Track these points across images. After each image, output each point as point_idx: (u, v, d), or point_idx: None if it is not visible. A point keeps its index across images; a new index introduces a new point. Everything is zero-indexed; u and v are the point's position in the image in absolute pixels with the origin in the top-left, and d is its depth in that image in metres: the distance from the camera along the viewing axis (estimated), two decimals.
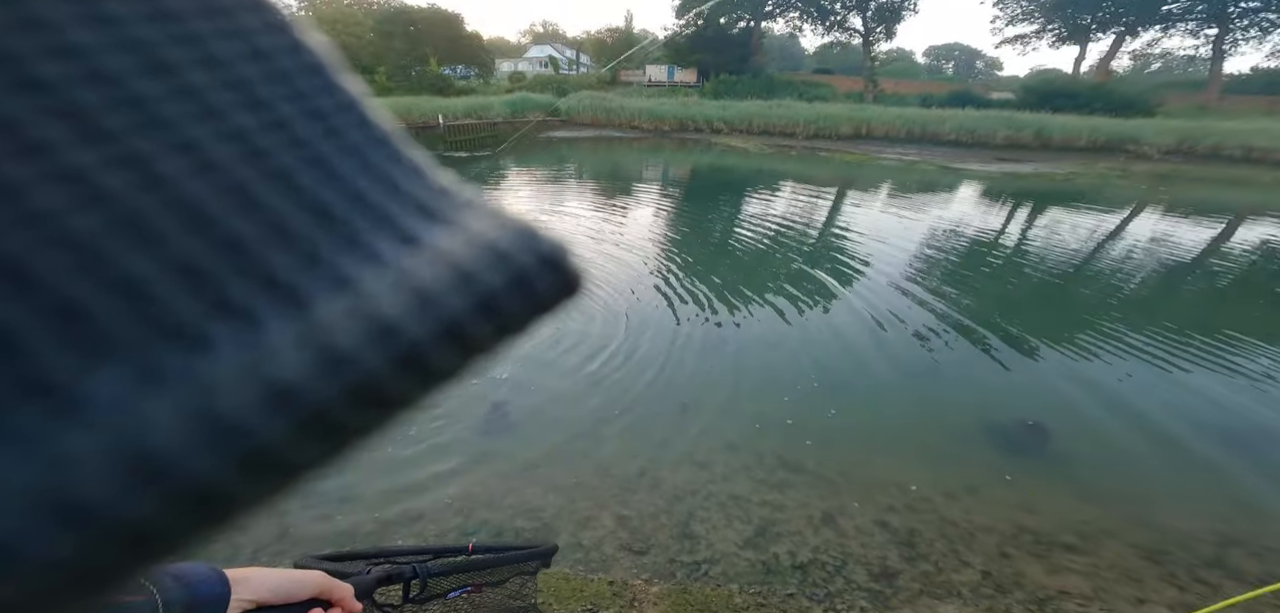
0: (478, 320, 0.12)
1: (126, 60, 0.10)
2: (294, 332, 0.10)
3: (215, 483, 0.09)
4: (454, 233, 0.13)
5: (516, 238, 0.13)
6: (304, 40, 0.13)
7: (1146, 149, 17.33)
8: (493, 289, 0.12)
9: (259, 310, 0.10)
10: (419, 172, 0.14)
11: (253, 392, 0.09)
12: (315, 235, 0.11)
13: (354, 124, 0.13)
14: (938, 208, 9.68)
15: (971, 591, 2.12)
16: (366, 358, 0.10)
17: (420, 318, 0.11)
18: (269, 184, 0.11)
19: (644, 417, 3.22)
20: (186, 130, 0.10)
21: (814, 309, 4.86)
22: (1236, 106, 23.67)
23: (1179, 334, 4.53)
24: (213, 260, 0.10)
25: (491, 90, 27.89)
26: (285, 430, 0.09)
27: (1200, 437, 3.20)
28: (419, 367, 0.11)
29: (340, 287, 0.11)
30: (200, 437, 0.08)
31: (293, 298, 0.10)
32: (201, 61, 0.11)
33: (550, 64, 36.94)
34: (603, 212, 8.45)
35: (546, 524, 2.36)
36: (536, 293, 0.13)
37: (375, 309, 0.11)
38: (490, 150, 15.27)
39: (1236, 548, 2.37)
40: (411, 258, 0.12)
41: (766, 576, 2.15)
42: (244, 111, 0.11)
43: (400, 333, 0.11)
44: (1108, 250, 7.23)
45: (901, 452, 3.02)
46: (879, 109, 20.59)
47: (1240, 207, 10.55)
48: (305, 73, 0.13)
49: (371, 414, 0.10)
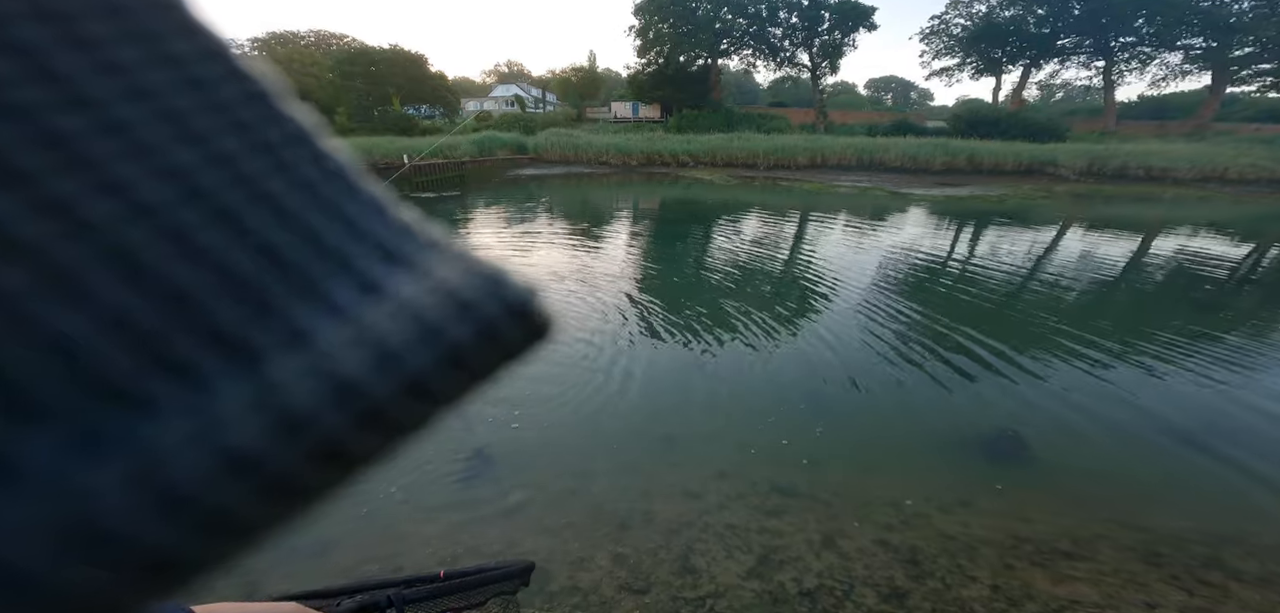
0: (443, 374, 0.11)
1: (39, 93, 0.09)
2: (245, 392, 0.09)
3: (162, 552, 0.08)
4: (417, 278, 0.12)
5: (482, 284, 0.12)
6: (244, 68, 0.12)
7: (1064, 171, 19.13)
8: (458, 341, 0.11)
9: (206, 368, 0.09)
10: (379, 209, 0.13)
11: (201, 458, 0.09)
12: (266, 283, 0.10)
13: (306, 158, 0.12)
14: (893, 231, 10.21)
15: (984, 605, 2.06)
16: (324, 419, 0.09)
17: (381, 375, 0.10)
18: (211, 227, 0.10)
19: (630, 450, 3.08)
20: (113, 170, 0.09)
21: (790, 332, 4.89)
22: (1131, 130, 26.76)
23: (1126, 339, 4.84)
24: (151, 315, 0.09)
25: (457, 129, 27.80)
26: (237, 496, 0.09)
27: (1166, 436, 3.35)
28: (381, 425, 0.10)
29: (295, 341, 0.10)
30: (145, 506, 0.08)
31: (243, 354, 0.10)
32: (127, 93, 0.10)
33: (516, 103, 37.37)
34: (576, 247, 8.39)
35: (540, 568, 2.12)
36: (504, 342, 0.12)
37: (333, 366, 0.10)
38: (458, 190, 15.04)
39: (1230, 546, 2.42)
40: (372, 308, 0.11)
41: (775, 606, 2.02)
42: (180, 146, 0.10)
43: (360, 392, 0.10)
44: (1046, 265, 7.76)
45: (891, 467, 3.00)
46: (831, 139, 21.84)
47: (1150, 221, 11.69)
48: (248, 102, 0.12)
49: (332, 475, 0.10)
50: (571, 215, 11.48)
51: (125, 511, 0.08)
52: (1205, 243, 9.41)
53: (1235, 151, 19.22)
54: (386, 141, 20.06)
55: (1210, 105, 27.35)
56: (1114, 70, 28.97)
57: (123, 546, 0.08)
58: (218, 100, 0.11)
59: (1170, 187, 17.67)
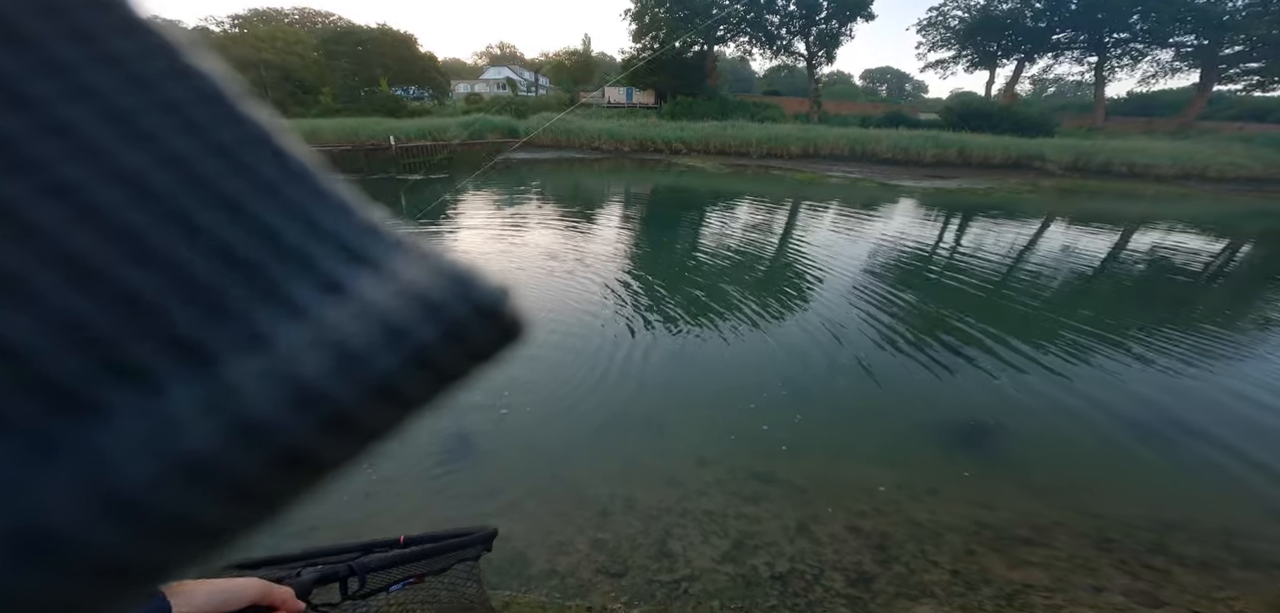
0: (409, 376, 0.11)
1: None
2: (201, 396, 0.09)
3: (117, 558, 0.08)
4: (383, 279, 0.12)
5: (451, 284, 0.12)
6: (198, 65, 0.12)
7: (1050, 165, 19.37)
8: (425, 343, 0.11)
9: (160, 372, 0.09)
10: (344, 209, 0.12)
11: (155, 463, 0.08)
12: (222, 285, 0.10)
13: (265, 158, 0.12)
14: (881, 222, 10.31)
15: (944, 590, 2.17)
16: (285, 424, 0.09)
17: (345, 378, 0.10)
18: (165, 229, 0.10)
19: (613, 437, 3.14)
20: (59, 172, 0.09)
21: (774, 321, 4.98)
22: (1118, 127, 27.08)
23: (1095, 333, 4.99)
24: (102, 319, 0.09)
25: (447, 112, 27.26)
26: (194, 501, 0.08)
27: (1125, 426, 3.50)
28: (345, 430, 0.10)
29: (254, 344, 0.10)
30: (98, 512, 0.08)
31: (199, 357, 0.09)
32: (72, 93, 0.10)
33: (508, 86, 36.74)
34: (566, 232, 8.38)
35: (518, 552, 2.21)
36: (473, 343, 0.12)
37: (294, 369, 0.10)
38: (446, 172, 14.87)
39: (1175, 531, 2.56)
40: (335, 309, 0.11)
41: (747, 589, 2.11)
42: (128, 148, 0.10)
43: (323, 395, 0.10)
44: (1028, 258, 7.92)
45: (866, 454, 3.10)
46: (824, 129, 21.86)
47: (1131, 217, 11.93)
48: (202, 102, 0.11)
49: (294, 480, 0.10)
50: (562, 200, 11.42)
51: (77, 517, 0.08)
52: (1179, 240, 9.64)
53: (1216, 150, 19.59)
54: (373, 123, 19.69)
55: (1197, 103, 27.73)
56: (1106, 66, 29.21)
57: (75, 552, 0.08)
58: (169, 100, 0.11)
59: (1152, 183, 18.00)
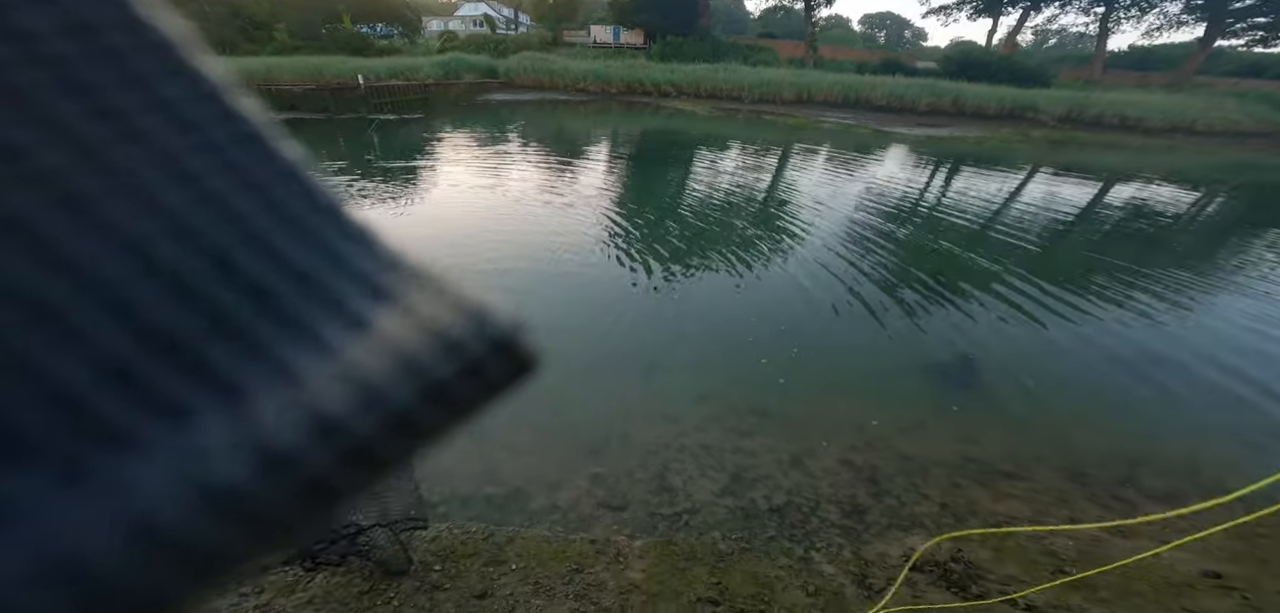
0: (427, 411, 0.11)
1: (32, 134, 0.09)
2: (232, 430, 0.09)
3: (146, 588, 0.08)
4: (403, 314, 0.12)
5: (468, 321, 0.12)
6: (235, 105, 0.12)
7: (1043, 116, 19.23)
8: (443, 379, 0.11)
9: (192, 406, 0.09)
10: (368, 243, 0.13)
11: (185, 494, 0.09)
12: (257, 323, 0.11)
13: (296, 195, 0.12)
14: (875, 167, 10.20)
15: (933, 521, 2.23)
16: (309, 456, 0.10)
17: (366, 412, 0.10)
18: (203, 267, 0.10)
19: (607, 375, 3.12)
20: (104, 211, 0.09)
21: (767, 263, 4.93)
22: (1115, 80, 26.81)
23: (1066, 278, 5.07)
24: (140, 355, 0.09)
25: (419, 50, 25.45)
26: (220, 531, 0.09)
27: (1096, 365, 3.60)
28: (364, 461, 0.10)
29: (281, 379, 0.10)
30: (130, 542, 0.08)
31: (229, 392, 0.10)
32: (120, 135, 0.10)
33: (485, 23, 34.32)
34: (551, 174, 8.06)
35: (517, 489, 2.20)
36: (488, 378, 0.12)
37: (319, 404, 0.10)
38: (422, 113, 14.04)
39: (1143, 466, 2.67)
40: (358, 345, 0.11)
41: (746, 521, 2.15)
42: (171, 187, 0.10)
43: (345, 429, 0.10)
44: (1014, 206, 7.97)
45: (859, 389, 3.14)
46: (819, 75, 21.14)
47: (1114, 168, 12.02)
48: (238, 142, 0.12)
49: (314, 509, 0.10)
50: (546, 142, 10.95)
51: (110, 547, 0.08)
52: (1156, 191, 9.77)
53: (1207, 104, 19.62)
54: (337, 62, 18.34)
55: (1196, 58, 27.37)
56: (1112, 17, 28.44)
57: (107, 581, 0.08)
58: (209, 141, 0.11)
59: (1140, 135, 18.06)
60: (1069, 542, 2.12)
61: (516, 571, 1.67)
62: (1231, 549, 2.11)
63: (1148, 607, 1.76)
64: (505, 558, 1.73)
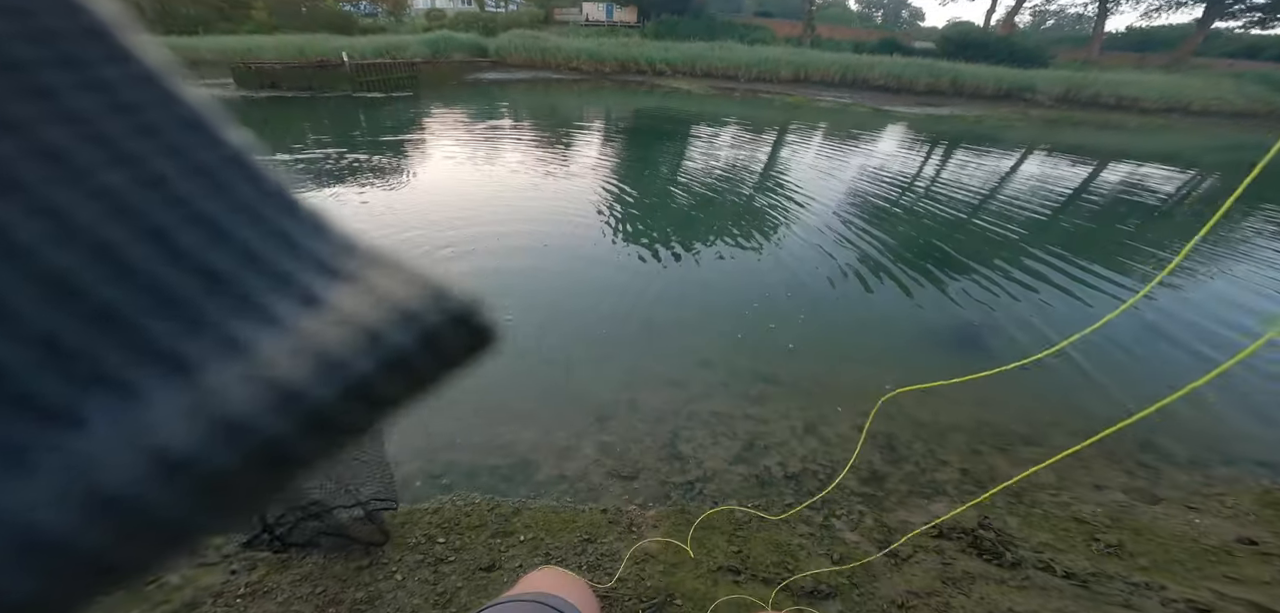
0: (385, 381, 0.11)
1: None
2: (181, 400, 0.09)
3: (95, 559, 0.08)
4: (358, 291, 0.12)
5: (425, 295, 0.12)
6: (179, 91, 0.12)
7: (1040, 96, 19.16)
8: (401, 349, 0.11)
9: (138, 380, 0.09)
10: (319, 227, 0.13)
11: (134, 465, 0.08)
12: (201, 299, 0.10)
13: (243, 178, 0.12)
14: (873, 145, 10.08)
15: (955, 488, 2.15)
16: (263, 423, 0.09)
17: (323, 380, 0.10)
18: (144, 246, 0.10)
19: (612, 344, 3.00)
20: (42, 193, 0.09)
21: (771, 234, 4.84)
22: (1113, 61, 26.74)
23: (1074, 248, 5.02)
24: (81, 333, 0.09)
25: (405, 28, 24.74)
26: (175, 499, 0.09)
27: (1111, 332, 3.54)
28: (321, 429, 0.10)
29: (234, 351, 0.10)
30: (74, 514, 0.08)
31: (178, 365, 0.10)
32: (56, 116, 0.10)
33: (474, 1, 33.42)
34: (547, 151, 7.85)
35: (522, 459, 2.08)
36: (447, 351, 0.12)
37: (274, 373, 0.10)
38: (410, 92, 13.64)
39: (1159, 432, 2.58)
40: (312, 319, 0.11)
41: (762, 489, 2.05)
42: (109, 169, 0.10)
43: (301, 396, 0.10)
44: (1014, 181, 7.91)
45: (869, 356, 3.05)
46: (816, 54, 20.83)
47: (1109, 149, 11.96)
48: (182, 126, 0.12)
49: (270, 480, 0.10)
50: (540, 120, 10.66)
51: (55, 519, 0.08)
52: (1153, 170, 9.74)
53: (1203, 84, 19.60)
54: (320, 41, 17.78)
55: (1194, 40, 27.32)
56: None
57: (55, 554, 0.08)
58: (149, 123, 0.11)
59: (1136, 115, 18.03)
60: (1098, 508, 2.05)
61: (525, 542, 1.55)
62: (1262, 516, 2.05)
63: (1188, 575, 1.69)
64: (512, 529, 1.62)
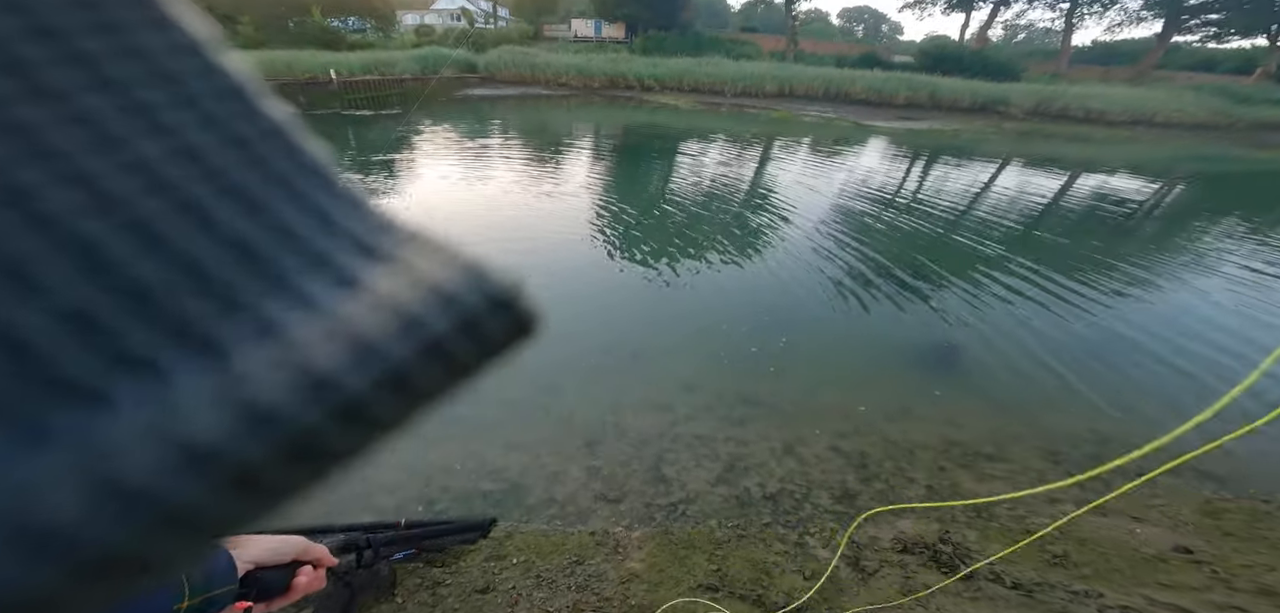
0: (423, 368, 0.10)
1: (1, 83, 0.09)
2: (209, 386, 0.09)
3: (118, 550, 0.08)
4: (396, 272, 0.11)
5: (465, 277, 0.11)
6: (218, 60, 0.12)
7: (1013, 109, 19.85)
8: (439, 334, 0.11)
9: (166, 363, 0.09)
10: (356, 205, 0.13)
11: (159, 453, 0.08)
12: (235, 278, 0.10)
13: (280, 153, 0.12)
14: (856, 159, 10.40)
15: (920, 502, 2.30)
16: (296, 413, 0.09)
17: (359, 368, 0.10)
18: (177, 221, 0.10)
19: (598, 368, 3.12)
20: (76, 162, 0.09)
21: (756, 254, 4.99)
22: (1080, 74, 27.85)
23: (1035, 265, 5.26)
24: (110, 309, 0.09)
25: (394, 44, 24.85)
26: (199, 490, 0.08)
27: (1068, 348, 3.75)
28: (357, 420, 0.10)
29: (265, 334, 0.10)
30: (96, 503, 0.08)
31: (207, 347, 0.09)
32: (92, 84, 0.10)
33: (463, 17, 33.68)
34: (535, 168, 7.98)
35: (514, 484, 2.19)
36: (488, 336, 0.12)
37: (306, 359, 0.10)
38: (399, 109, 13.71)
39: (1112, 444, 2.78)
40: (348, 301, 0.11)
41: (742, 509, 2.18)
42: (145, 138, 0.10)
43: (335, 384, 0.10)
44: (988, 196, 8.23)
45: (846, 378, 3.21)
46: (800, 68, 21.36)
47: (1080, 160, 12.48)
48: (221, 97, 0.11)
49: (303, 472, 0.09)
50: (529, 136, 10.82)
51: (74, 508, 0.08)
52: (1120, 181, 10.20)
53: (1166, 97, 20.51)
54: (308, 57, 17.80)
55: (1155, 53, 28.67)
56: (1076, 13, 29.52)
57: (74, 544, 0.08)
58: (189, 95, 0.11)
59: (1103, 128, 18.77)
60: (1048, 520, 2.21)
61: (517, 564, 1.66)
62: (1200, 526, 2.23)
63: (1125, 583, 1.85)
64: (505, 552, 1.72)
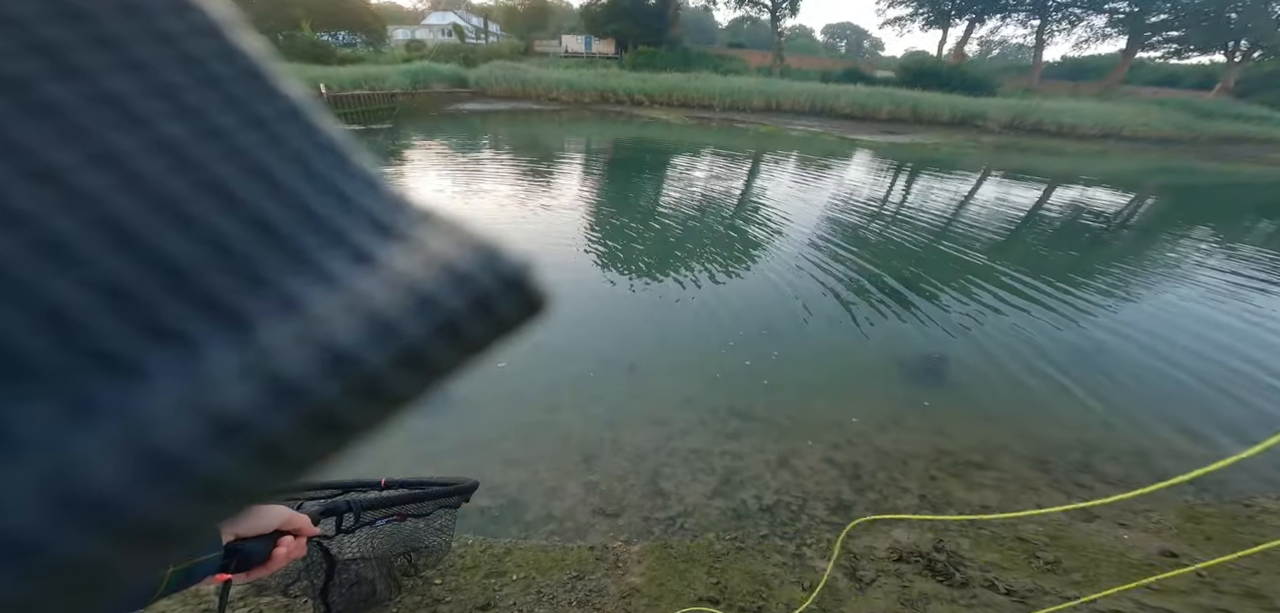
0: (438, 345, 0.11)
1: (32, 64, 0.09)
2: (237, 358, 0.09)
3: (155, 519, 0.08)
4: (411, 250, 0.12)
5: (478, 256, 0.12)
6: (237, 42, 0.12)
7: (990, 123, 20.51)
8: (453, 312, 0.11)
9: (197, 335, 0.09)
10: (372, 183, 0.13)
11: (193, 424, 0.09)
12: (258, 254, 0.10)
13: (298, 131, 0.12)
14: (842, 172, 10.64)
15: (914, 512, 2.34)
16: (317, 387, 0.09)
17: (376, 343, 0.10)
18: (203, 198, 0.10)
19: (595, 382, 3.13)
20: (106, 141, 0.09)
21: (748, 268, 5.05)
22: (1051, 89, 28.95)
23: (1020, 275, 5.41)
24: (143, 282, 0.09)
25: (385, 59, 24.91)
26: (227, 461, 0.09)
27: (1053, 357, 3.85)
28: (373, 394, 0.10)
29: (288, 309, 0.10)
30: (137, 473, 0.08)
31: (235, 321, 0.10)
32: (120, 65, 0.10)
33: (455, 32, 33.89)
34: (527, 182, 8.01)
35: (512, 500, 2.18)
36: (500, 315, 0.12)
37: (327, 334, 0.10)
38: (389, 123, 13.69)
39: (1099, 453, 2.86)
40: (366, 278, 0.11)
41: (738, 521, 2.19)
42: (171, 120, 0.10)
43: (354, 360, 0.10)
44: (970, 208, 8.47)
45: (838, 390, 3.26)
46: (787, 83, 21.83)
47: (1055, 172, 12.91)
48: (241, 77, 0.12)
49: (322, 443, 0.10)
50: (521, 150, 10.87)
51: (116, 477, 0.08)
52: (1096, 193, 10.58)
53: (1133, 111, 21.38)
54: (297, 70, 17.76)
55: (1120, 69, 29.97)
56: (1047, 29, 30.79)
57: (115, 513, 0.08)
58: (210, 75, 0.11)
59: (1076, 141, 19.45)
60: (1038, 528, 2.26)
61: (518, 581, 1.65)
62: (1183, 530, 2.30)
63: (1114, 586, 1.90)
64: (505, 569, 1.72)
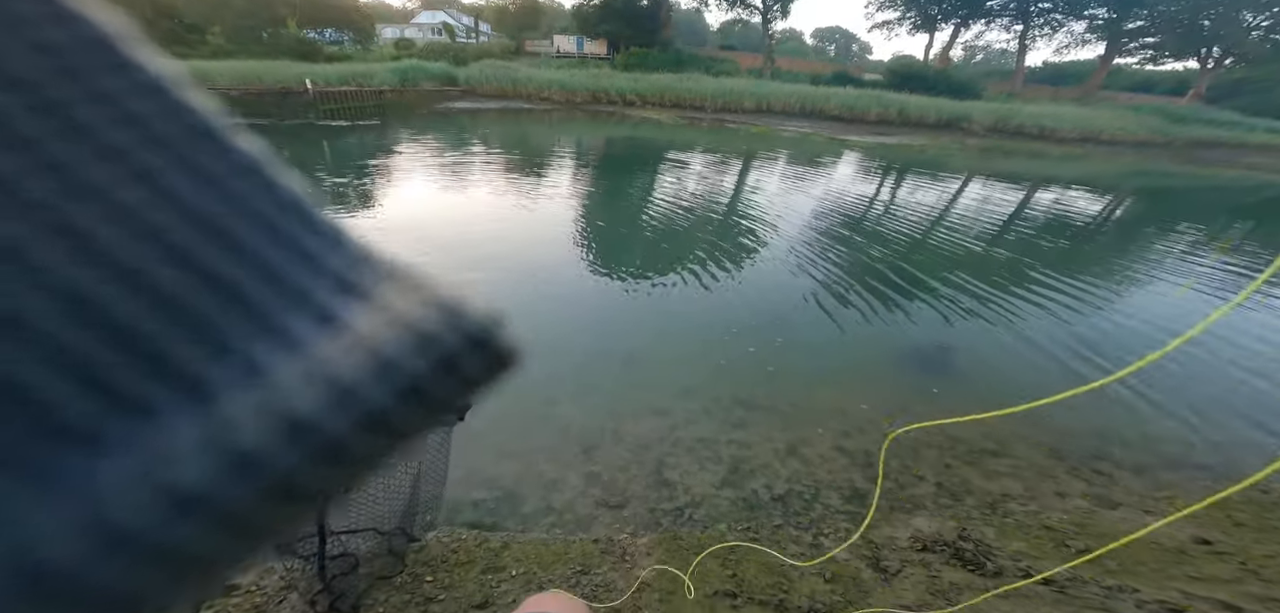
0: (401, 409, 0.11)
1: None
2: (198, 429, 0.09)
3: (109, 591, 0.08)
4: (375, 310, 0.12)
5: (442, 315, 0.11)
6: (183, 98, 0.11)
7: (974, 126, 20.86)
8: (417, 374, 0.11)
9: (158, 405, 0.09)
10: (336, 238, 0.12)
11: (150, 496, 0.08)
12: (222, 320, 0.10)
13: (259, 190, 0.12)
14: (835, 171, 10.69)
15: (933, 501, 2.22)
16: (278, 457, 0.09)
17: (339, 410, 0.10)
18: (163, 264, 0.10)
19: (592, 373, 2.98)
20: (58, 210, 0.09)
21: (745, 260, 4.97)
22: (1033, 93, 29.63)
23: (1025, 263, 5.42)
24: (101, 353, 0.09)
25: (373, 57, 24.51)
26: (187, 534, 0.08)
27: (1059, 344, 3.80)
28: (337, 461, 0.10)
29: (251, 376, 0.10)
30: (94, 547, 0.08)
31: (196, 391, 0.09)
32: (66, 132, 0.09)
33: (444, 31, 33.58)
34: (520, 181, 7.85)
35: (509, 492, 2.02)
36: (465, 375, 0.12)
37: (289, 403, 0.10)
38: (377, 120, 13.41)
39: (1108, 440, 2.78)
40: (329, 341, 0.11)
41: (750, 512, 2.06)
42: (126, 185, 0.10)
43: (316, 428, 0.10)
44: (958, 206, 8.53)
45: (844, 377, 3.15)
46: (778, 85, 21.95)
47: (1038, 175, 13.11)
48: (193, 137, 0.11)
49: (286, 511, 0.10)
50: (512, 150, 10.69)
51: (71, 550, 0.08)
52: (1079, 194, 10.74)
53: (1111, 116, 21.92)
54: (282, 67, 17.35)
55: (1099, 75, 30.82)
56: (1029, 35, 31.53)
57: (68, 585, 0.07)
58: (162, 137, 0.11)
59: (1056, 144, 19.86)
60: (1063, 516, 2.17)
61: (517, 576, 1.50)
62: (1209, 517, 2.21)
63: (1154, 576, 1.80)
64: (503, 564, 1.56)
